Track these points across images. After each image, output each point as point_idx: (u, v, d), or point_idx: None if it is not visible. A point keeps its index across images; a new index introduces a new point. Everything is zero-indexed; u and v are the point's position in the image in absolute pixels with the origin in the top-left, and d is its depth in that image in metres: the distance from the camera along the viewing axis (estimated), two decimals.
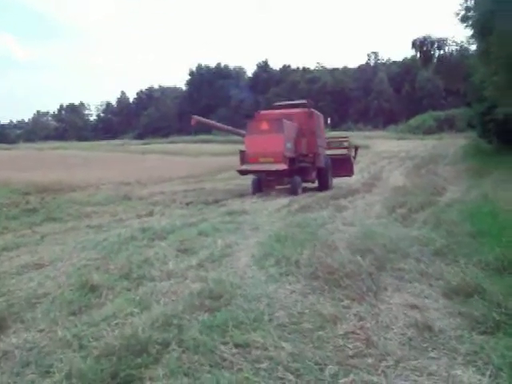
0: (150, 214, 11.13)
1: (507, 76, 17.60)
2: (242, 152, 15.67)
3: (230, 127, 19.43)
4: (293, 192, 14.64)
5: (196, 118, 17.74)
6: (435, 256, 5.93)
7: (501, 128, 24.84)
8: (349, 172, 18.84)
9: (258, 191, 15.22)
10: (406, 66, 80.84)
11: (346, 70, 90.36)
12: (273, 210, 11.31)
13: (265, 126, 15.02)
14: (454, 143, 42.09)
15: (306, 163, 15.90)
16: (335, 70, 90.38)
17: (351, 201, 13.07)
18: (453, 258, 5.70)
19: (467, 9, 23.26)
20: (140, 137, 79.76)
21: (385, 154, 35.64)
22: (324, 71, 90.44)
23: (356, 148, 19.62)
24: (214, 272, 5.43)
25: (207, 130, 45.01)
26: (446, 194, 14.16)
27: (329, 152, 18.26)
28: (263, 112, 17.28)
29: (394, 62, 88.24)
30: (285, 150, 14.69)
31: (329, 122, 20.10)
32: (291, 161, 15.05)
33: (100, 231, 8.79)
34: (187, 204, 13.01)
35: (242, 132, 17.28)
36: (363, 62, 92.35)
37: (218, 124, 20.18)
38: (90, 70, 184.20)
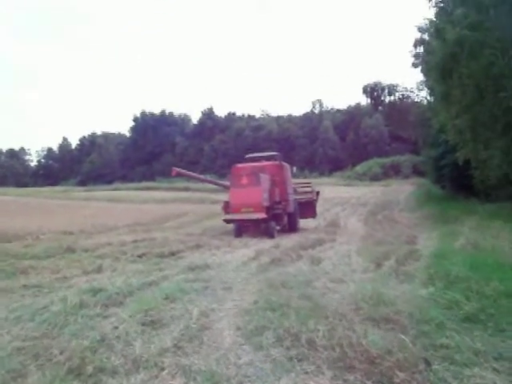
0: (99, 269, 9.46)
1: (469, 119, 17.23)
2: (225, 202, 17.23)
3: (211, 179, 21.57)
4: (269, 236, 16.05)
5: (176, 169, 19.26)
6: (468, 323, 4.75)
7: (455, 173, 24.50)
8: (313, 214, 20.86)
9: (239, 235, 16.32)
10: (351, 114, 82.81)
11: (291, 117, 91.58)
12: (239, 263, 10.04)
13: (245, 180, 16.82)
14: (402, 189, 42.59)
15: (279, 210, 17.48)
16: (280, 117, 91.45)
17: (321, 251, 12.26)
18: (496, 327, 4.54)
19: (416, 56, 23.50)
20: (82, 183, 78.24)
21: (336, 201, 35.27)
22: (269, 119, 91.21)
23: (317, 193, 21.41)
24: (197, 356, 4.03)
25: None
26: (420, 242, 13.35)
27: (295, 196, 19.81)
28: (239, 165, 18.81)
29: (339, 110, 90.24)
30: (262, 200, 16.38)
31: (294, 170, 21.61)
32: (267, 209, 16.60)
33: (40, 293, 7.16)
34: (139, 256, 11.46)
35: (224, 183, 19.40)
36: (308, 110, 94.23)
37: (200, 176, 21.41)
38: (30, 115, 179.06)
